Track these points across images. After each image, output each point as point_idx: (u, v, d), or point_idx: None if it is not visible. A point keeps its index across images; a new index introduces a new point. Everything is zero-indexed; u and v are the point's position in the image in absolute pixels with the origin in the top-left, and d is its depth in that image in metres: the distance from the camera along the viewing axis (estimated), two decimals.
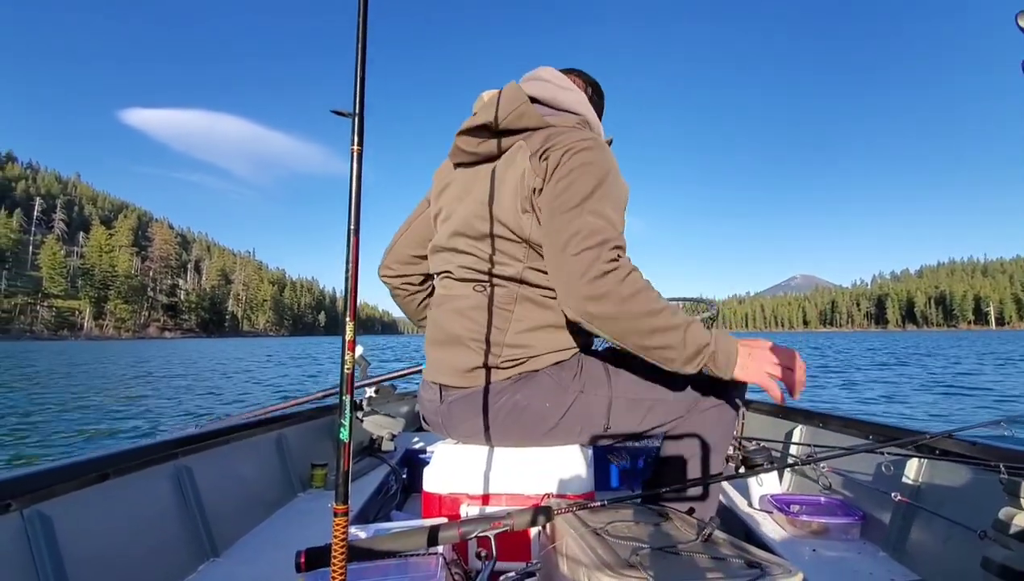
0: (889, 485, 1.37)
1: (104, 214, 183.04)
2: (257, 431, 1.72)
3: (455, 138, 1.20)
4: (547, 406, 1.11)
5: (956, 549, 1.15)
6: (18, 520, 0.91)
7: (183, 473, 1.31)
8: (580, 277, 0.95)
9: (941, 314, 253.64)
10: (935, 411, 8.22)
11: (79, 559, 0.97)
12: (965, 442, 1.24)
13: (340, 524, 0.50)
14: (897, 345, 38.88)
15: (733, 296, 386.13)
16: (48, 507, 0.96)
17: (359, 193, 0.55)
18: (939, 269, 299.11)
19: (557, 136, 1.08)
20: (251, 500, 1.56)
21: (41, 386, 13.34)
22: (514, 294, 1.11)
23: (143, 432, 6.80)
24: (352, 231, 0.54)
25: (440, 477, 1.13)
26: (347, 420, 0.52)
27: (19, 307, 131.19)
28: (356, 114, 0.55)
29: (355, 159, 0.55)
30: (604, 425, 1.14)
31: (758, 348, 1.01)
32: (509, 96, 1.13)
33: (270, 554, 1.33)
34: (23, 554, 0.89)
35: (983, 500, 1.12)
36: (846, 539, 1.42)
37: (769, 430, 2.05)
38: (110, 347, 60.64)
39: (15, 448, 6.02)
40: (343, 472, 0.52)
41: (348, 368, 0.53)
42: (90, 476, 1.07)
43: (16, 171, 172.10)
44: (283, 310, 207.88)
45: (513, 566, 0.98)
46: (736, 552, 0.77)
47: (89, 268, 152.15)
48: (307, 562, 0.77)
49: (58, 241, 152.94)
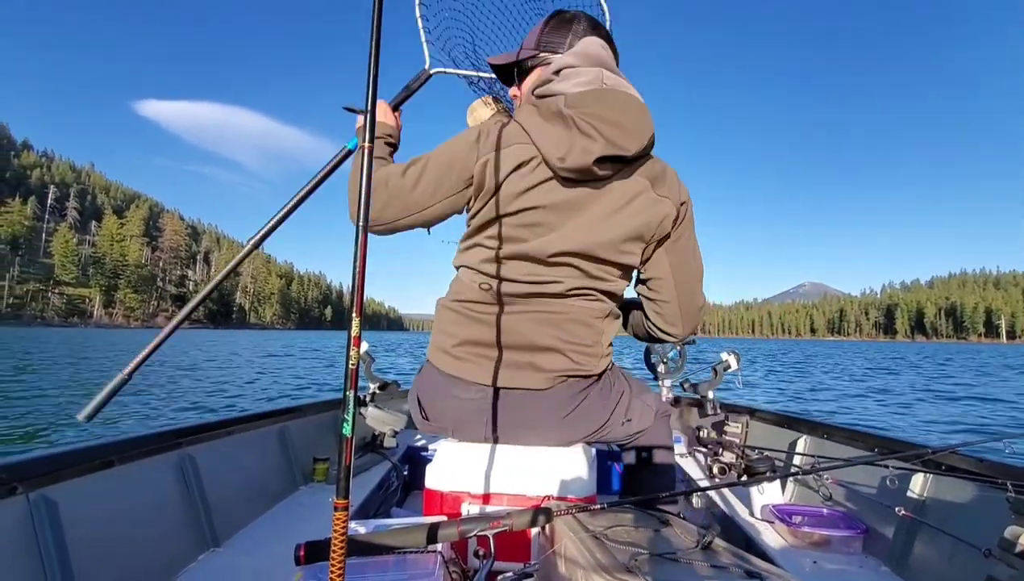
0: (893, 499, 1.36)
1: (116, 204, 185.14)
2: (261, 423, 1.73)
3: (587, 159, 1.05)
4: (599, 406, 1.21)
5: (960, 567, 1.14)
6: (23, 503, 0.92)
7: (187, 462, 1.32)
8: (700, 310, 1.24)
9: (951, 326, 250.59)
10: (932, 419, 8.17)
11: (82, 543, 0.98)
12: (971, 458, 1.22)
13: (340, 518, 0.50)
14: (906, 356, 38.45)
15: (740, 302, 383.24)
16: (53, 491, 0.97)
17: (368, 190, 0.55)
18: (950, 280, 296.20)
19: (662, 167, 1.16)
20: (253, 492, 1.57)
21: (57, 370, 13.49)
22: (608, 308, 1.21)
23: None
24: (361, 228, 0.54)
25: (443, 474, 1.13)
26: (350, 415, 0.52)
27: (31, 293, 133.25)
28: (368, 111, 0.55)
29: (365, 155, 0.55)
30: (624, 419, 1.25)
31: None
32: (646, 120, 1.09)
33: (270, 546, 1.34)
34: (28, 537, 0.91)
35: (988, 518, 1.10)
36: (848, 552, 1.41)
37: (772, 439, 2.03)
38: (120, 336, 61.11)
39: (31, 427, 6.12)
40: (344, 467, 0.52)
41: (353, 364, 0.53)
42: (95, 462, 1.08)
43: (31, 159, 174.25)
44: (290, 303, 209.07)
45: (511, 566, 0.98)
46: (736, 561, 0.76)
47: (100, 257, 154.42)
48: (306, 555, 0.77)
49: (71, 229, 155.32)
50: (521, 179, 1.12)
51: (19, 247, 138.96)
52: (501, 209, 1.13)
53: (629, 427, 1.26)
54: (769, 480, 1.69)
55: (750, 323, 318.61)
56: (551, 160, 1.08)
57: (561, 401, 1.17)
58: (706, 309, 1.28)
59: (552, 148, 1.07)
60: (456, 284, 1.23)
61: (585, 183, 1.12)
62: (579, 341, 1.16)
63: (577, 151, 1.06)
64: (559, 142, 1.07)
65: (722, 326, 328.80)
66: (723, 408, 2.38)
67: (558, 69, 1.14)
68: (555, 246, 1.13)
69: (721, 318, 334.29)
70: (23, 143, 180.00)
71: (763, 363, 26.04)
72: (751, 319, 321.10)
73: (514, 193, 1.12)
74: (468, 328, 1.17)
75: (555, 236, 1.13)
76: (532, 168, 1.11)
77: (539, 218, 1.13)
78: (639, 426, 1.27)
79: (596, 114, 1.06)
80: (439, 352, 1.20)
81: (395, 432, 2.18)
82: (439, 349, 1.20)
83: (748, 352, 36.65)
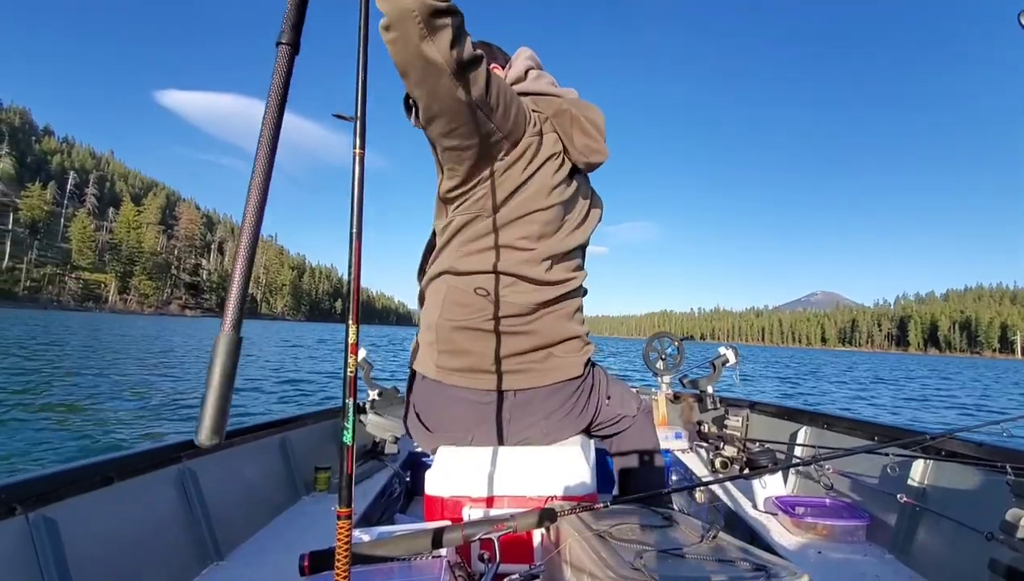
0: (894, 487, 1.36)
1: (134, 191, 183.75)
2: (261, 434, 1.72)
3: (600, 160, 1.16)
4: (591, 396, 1.24)
5: (963, 551, 1.15)
6: (23, 524, 0.91)
7: (187, 476, 1.31)
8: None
9: (965, 339, 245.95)
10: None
11: (83, 563, 0.97)
12: (971, 443, 1.23)
13: (344, 527, 0.50)
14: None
15: (751, 308, 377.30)
16: (53, 511, 0.96)
17: (361, 196, 0.54)
18: (966, 293, 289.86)
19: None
20: (255, 503, 1.56)
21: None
22: (582, 302, 1.27)
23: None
24: (355, 234, 0.54)
25: (442, 480, 1.13)
26: (350, 423, 0.52)
27: (47, 277, 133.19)
28: (358, 118, 0.55)
29: (357, 162, 0.55)
30: (606, 401, 1.28)
31: None
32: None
33: (274, 557, 1.33)
34: (28, 558, 0.90)
35: (990, 501, 1.11)
36: (852, 541, 1.42)
37: (773, 432, 2.04)
38: (137, 322, 60.45)
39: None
40: (346, 475, 0.52)
41: (351, 371, 0.53)
42: (95, 479, 1.07)
43: (52, 145, 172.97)
44: (301, 295, 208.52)
45: (517, 568, 0.97)
46: (741, 555, 0.76)
47: (117, 243, 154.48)
48: (311, 566, 0.77)
49: (89, 215, 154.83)
50: (553, 174, 1.09)
51: (38, 231, 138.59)
52: (529, 205, 1.07)
53: (611, 409, 1.29)
54: (771, 472, 1.70)
55: (760, 330, 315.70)
56: (577, 155, 1.14)
57: (564, 397, 1.19)
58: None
59: (580, 143, 1.13)
60: (447, 293, 1.13)
61: (573, 183, 1.16)
62: (573, 335, 1.20)
63: (591, 151, 1.14)
64: (581, 140, 1.13)
65: (731, 332, 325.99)
66: (723, 402, 2.38)
67: (525, 70, 1.18)
68: (562, 246, 1.15)
69: (731, 324, 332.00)
70: (45, 128, 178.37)
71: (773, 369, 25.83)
72: (761, 326, 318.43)
73: (547, 188, 1.08)
74: (467, 338, 1.12)
75: (562, 234, 1.15)
76: (560, 162, 1.12)
77: (555, 216, 1.11)
78: (622, 410, 1.30)
79: (592, 120, 1.14)
80: (435, 366, 1.15)
81: (396, 438, 2.17)
82: (434, 363, 1.15)
83: (759, 359, 36.20)
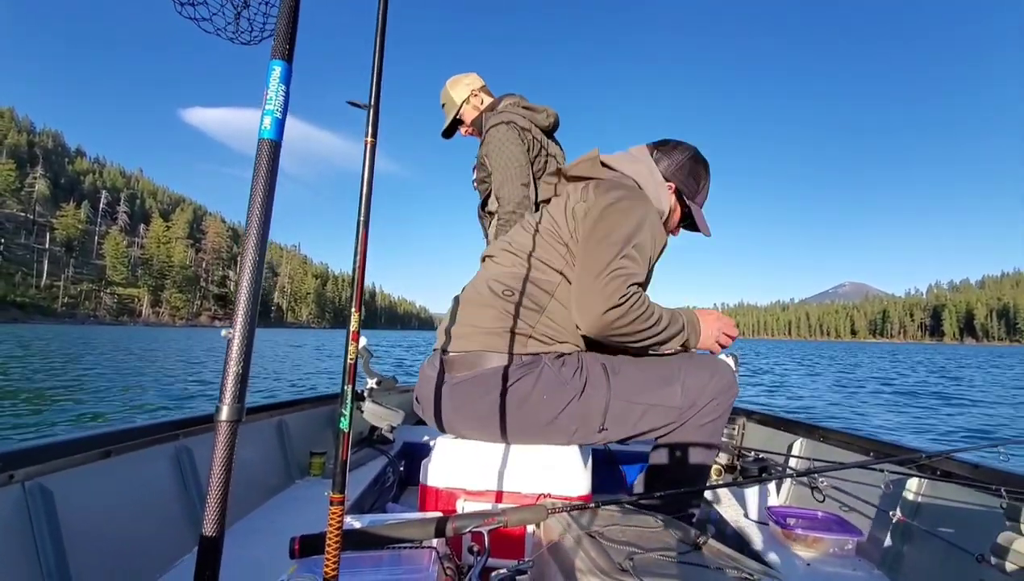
0: (888, 503, 1.36)
1: (163, 207, 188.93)
2: (258, 416, 1.73)
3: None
4: (544, 398, 1.15)
5: (953, 572, 1.14)
6: (19, 491, 0.92)
7: (183, 454, 1.32)
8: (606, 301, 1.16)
9: (1004, 328, 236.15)
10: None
11: (77, 533, 0.98)
12: (967, 464, 1.23)
13: (336, 513, 0.50)
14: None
15: (776, 302, 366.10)
16: (49, 480, 0.97)
17: (371, 185, 0.55)
18: (1003, 280, 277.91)
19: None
20: (249, 484, 1.57)
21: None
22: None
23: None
24: (362, 222, 0.54)
25: (439, 471, 1.13)
26: (348, 410, 0.52)
27: (84, 293, 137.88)
28: (371, 106, 0.55)
29: (368, 150, 0.55)
30: (600, 425, 1.18)
31: (711, 318, 1.30)
32: (587, 156, 1.42)
33: (265, 539, 1.34)
34: (23, 525, 0.90)
35: (982, 523, 1.11)
36: (842, 555, 1.41)
37: (768, 441, 2.03)
38: (167, 334, 61.66)
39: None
40: (341, 461, 0.52)
41: (351, 358, 0.53)
42: (92, 452, 1.08)
43: (84, 165, 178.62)
44: (325, 303, 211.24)
45: (506, 563, 0.98)
46: (729, 562, 0.77)
47: (148, 258, 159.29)
48: (301, 549, 0.78)
49: (121, 232, 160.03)
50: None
51: (73, 249, 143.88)
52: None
53: (606, 428, 1.27)
54: (764, 482, 1.70)
55: (786, 324, 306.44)
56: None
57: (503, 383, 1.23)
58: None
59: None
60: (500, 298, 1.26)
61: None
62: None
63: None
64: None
65: (757, 327, 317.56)
66: None
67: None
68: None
69: (756, 319, 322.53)
70: (76, 149, 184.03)
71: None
72: (787, 320, 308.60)
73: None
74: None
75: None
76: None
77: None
78: (628, 429, 1.28)
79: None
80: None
81: (392, 427, 2.18)
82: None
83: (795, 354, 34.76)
